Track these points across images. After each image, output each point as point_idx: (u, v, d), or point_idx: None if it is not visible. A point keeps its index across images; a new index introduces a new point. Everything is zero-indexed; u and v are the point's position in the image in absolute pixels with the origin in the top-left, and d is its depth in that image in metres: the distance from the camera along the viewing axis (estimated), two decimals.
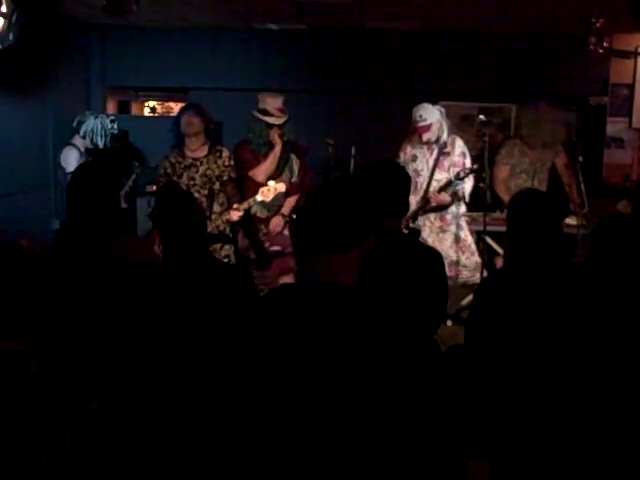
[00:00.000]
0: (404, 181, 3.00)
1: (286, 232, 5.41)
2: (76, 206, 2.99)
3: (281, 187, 4.92)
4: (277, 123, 5.12)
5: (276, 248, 5.33)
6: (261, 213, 5.29)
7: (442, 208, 5.47)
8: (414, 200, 5.28)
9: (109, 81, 7.87)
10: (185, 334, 2.52)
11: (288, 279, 5.28)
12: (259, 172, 5.16)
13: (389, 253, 2.73)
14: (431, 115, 5.32)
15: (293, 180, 5.36)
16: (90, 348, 2.24)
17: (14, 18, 4.75)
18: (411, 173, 5.18)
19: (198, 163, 4.99)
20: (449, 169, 5.42)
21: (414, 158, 5.46)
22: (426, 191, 5.37)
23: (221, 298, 2.55)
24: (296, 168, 5.39)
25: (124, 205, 5.74)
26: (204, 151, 5.03)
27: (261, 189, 4.88)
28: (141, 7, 5.28)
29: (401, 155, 5.52)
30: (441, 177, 5.40)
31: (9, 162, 5.75)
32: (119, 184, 5.62)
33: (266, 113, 5.12)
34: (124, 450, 2.23)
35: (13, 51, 4.87)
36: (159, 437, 2.36)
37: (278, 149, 5.14)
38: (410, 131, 5.47)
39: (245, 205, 4.85)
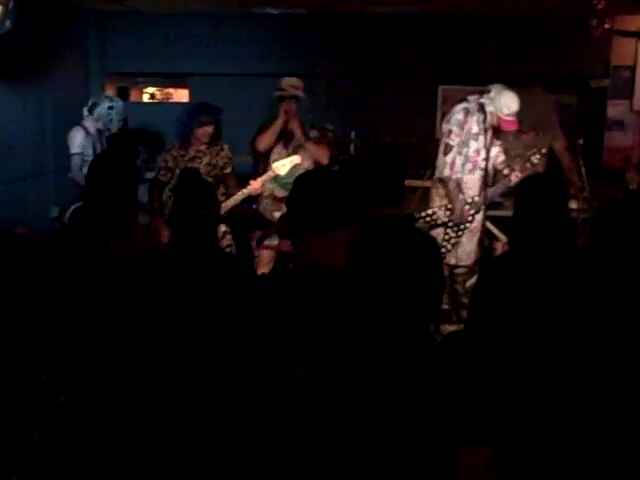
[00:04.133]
0: (400, 168, 2.96)
1: None
2: (94, 193, 3.01)
3: (296, 159, 4.99)
4: (285, 95, 5.17)
5: None
6: (279, 192, 5.29)
7: None
8: (471, 179, 5.27)
9: (108, 67, 7.84)
10: (184, 321, 2.53)
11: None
12: (259, 140, 5.21)
13: (382, 239, 2.73)
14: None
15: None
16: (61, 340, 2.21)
17: (11, 5, 4.74)
18: (471, 152, 5.22)
19: (201, 154, 5.03)
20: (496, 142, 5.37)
21: (476, 137, 5.23)
22: (486, 169, 5.24)
23: (222, 288, 2.55)
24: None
25: None
26: (206, 143, 5.06)
27: (273, 165, 4.98)
28: None
29: (460, 132, 5.24)
30: (493, 153, 5.32)
31: (8, 150, 5.75)
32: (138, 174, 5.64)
33: (279, 89, 5.23)
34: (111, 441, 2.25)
35: (11, 37, 4.86)
36: (160, 419, 2.40)
37: (280, 121, 5.16)
38: (468, 107, 5.23)
39: (265, 177, 4.96)
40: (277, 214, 5.33)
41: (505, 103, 5.09)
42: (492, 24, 7.52)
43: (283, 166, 4.95)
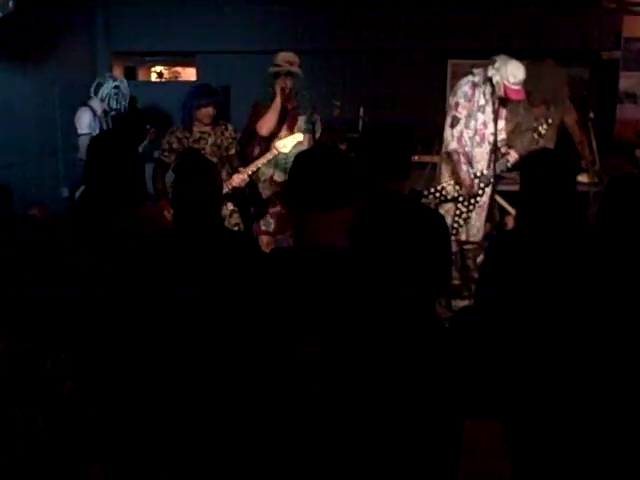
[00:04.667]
0: (406, 144, 2.95)
1: None
2: (95, 174, 2.99)
3: (299, 136, 4.90)
4: (281, 71, 5.07)
5: None
6: (278, 177, 5.23)
7: None
8: (480, 153, 5.27)
9: (115, 46, 7.80)
10: (188, 300, 2.53)
11: None
12: (261, 124, 5.08)
13: (387, 216, 2.72)
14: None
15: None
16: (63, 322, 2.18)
17: None
18: (479, 125, 5.23)
19: (206, 135, 4.97)
20: (504, 117, 5.38)
21: (483, 110, 5.25)
22: (495, 143, 5.23)
23: (226, 266, 2.54)
24: (318, 129, 5.29)
25: None
26: (210, 124, 5.01)
27: (275, 144, 4.89)
28: None
29: (468, 105, 5.23)
30: (500, 127, 5.32)
31: (16, 130, 5.73)
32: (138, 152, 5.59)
33: (274, 65, 5.11)
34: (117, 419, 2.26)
35: (17, 17, 4.83)
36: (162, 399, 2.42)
37: (278, 100, 5.06)
38: (474, 80, 5.23)
39: (252, 167, 4.85)
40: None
41: (511, 71, 5.07)
42: None
43: (286, 145, 4.88)
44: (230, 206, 5.01)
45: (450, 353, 1.74)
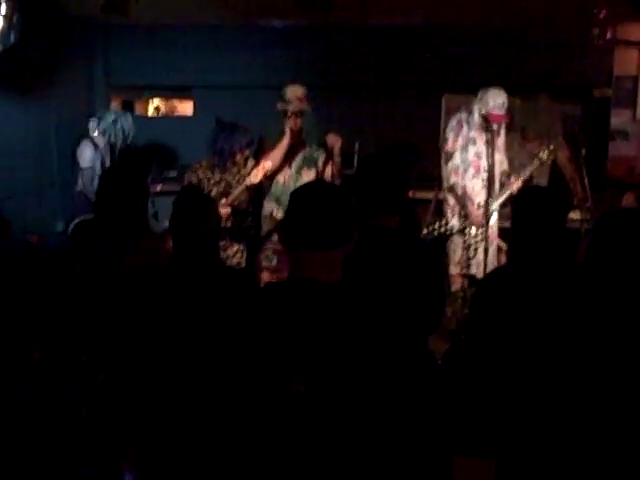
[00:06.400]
0: (399, 179, 2.95)
1: None
2: (105, 205, 3.05)
3: (268, 165, 4.89)
4: (290, 109, 5.10)
5: None
6: (277, 213, 5.21)
7: None
8: (478, 185, 5.31)
9: (113, 80, 7.86)
10: (183, 333, 2.55)
11: None
12: (266, 161, 5.05)
13: (379, 252, 2.72)
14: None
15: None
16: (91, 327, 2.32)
17: (15, 19, 4.78)
18: (471, 157, 5.32)
19: (226, 175, 5.00)
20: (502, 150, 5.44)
21: (474, 141, 5.35)
22: (492, 175, 5.19)
23: (221, 301, 2.57)
24: (320, 163, 5.33)
25: None
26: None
27: (252, 173, 4.89)
28: (143, 5, 5.28)
29: (460, 140, 5.35)
30: (499, 158, 5.34)
31: (12, 163, 5.76)
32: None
33: (284, 100, 5.14)
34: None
35: (16, 51, 4.89)
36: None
37: (285, 141, 5.10)
38: (461, 115, 5.39)
39: (231, 198, 4.86)
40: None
41: (491, 95, 5.19)
42: (495, 35, 7.51)
43: (256, 175, 4.87)
44: (236, 246, 5.02)
45: (441, 389, 1.75)
